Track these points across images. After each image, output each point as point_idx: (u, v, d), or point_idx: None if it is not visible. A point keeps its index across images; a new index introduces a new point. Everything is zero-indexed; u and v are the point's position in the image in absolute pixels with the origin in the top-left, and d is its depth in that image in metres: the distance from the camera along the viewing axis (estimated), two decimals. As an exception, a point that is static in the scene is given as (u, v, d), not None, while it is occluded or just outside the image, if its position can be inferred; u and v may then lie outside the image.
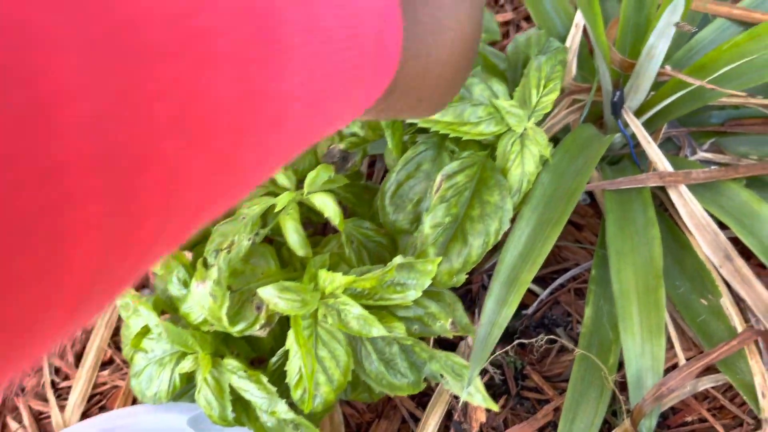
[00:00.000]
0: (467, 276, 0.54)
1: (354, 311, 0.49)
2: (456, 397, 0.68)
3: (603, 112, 0.76)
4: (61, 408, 0.74)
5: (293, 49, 0.20)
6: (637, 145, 0.74)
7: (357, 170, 0.62)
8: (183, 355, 0.58)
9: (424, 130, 0.60)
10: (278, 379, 0.55)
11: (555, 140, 0.79)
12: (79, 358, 0.78)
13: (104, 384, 0.75)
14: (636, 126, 0.70)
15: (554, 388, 0.69)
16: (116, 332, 0.79)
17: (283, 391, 0.54)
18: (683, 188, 0.69)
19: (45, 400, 0.77)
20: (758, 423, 0.62)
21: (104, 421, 0.62)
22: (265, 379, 0.53)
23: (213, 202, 0.19)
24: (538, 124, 0.56)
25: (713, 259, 0.67)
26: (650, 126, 0.75)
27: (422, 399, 0.70)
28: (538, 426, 0.67)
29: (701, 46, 0.76)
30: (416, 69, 0.30)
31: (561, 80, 0.53)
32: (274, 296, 0.50)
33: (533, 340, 0.71)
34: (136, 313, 0.61)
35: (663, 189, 0.72)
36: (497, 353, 0.70)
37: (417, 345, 0.53)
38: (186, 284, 0.58)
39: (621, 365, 0.68)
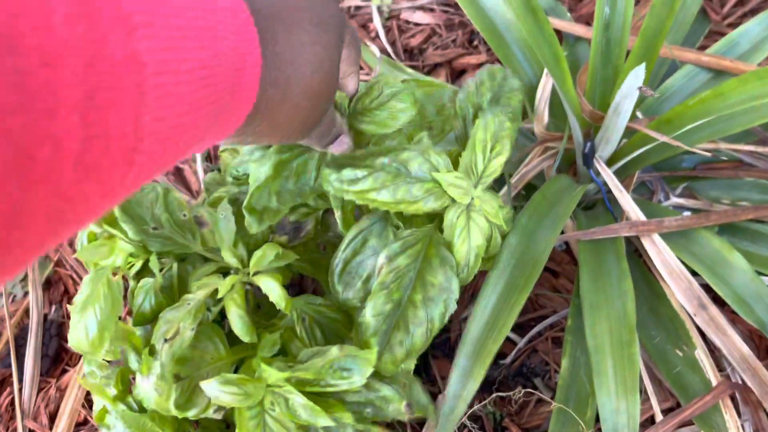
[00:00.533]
0: (447, 324, 0.53)
1: (298, 400, 0.48)
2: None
3: (576, 159, 0.76)
4: (35, 473, 0.73)
5: (147, 92, 0.22)
6: (610, 191, 0.75)
7: (311, 238, 0.61)
8: None
9: None
10: None
11: (530, 187, 0.79)
12: (52, 419, 0.77)
13: (78, 446, 0.74)
14: (608, 175, 0.70)
15: (533, 441, 0.69)
16: (89, 392, 0.78)
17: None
18: (656, 237, 0.69)
19: (18, 464, 0.75)
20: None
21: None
22: None
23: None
24: (498, 180, 0.55)
25: (688, 308, 0.67)
26: (623, 173, 0.75)
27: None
28: (518, 482, 0.66)
29: (671, 92, 0.77)
30: (276, 97, 0.34)
31: (511, 138, 0.51)
32: (217, 390, 0.49)
33: (510, 393, 0.71)
34: (98, 391, 0.60)
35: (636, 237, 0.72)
36: (476, 406, 0.70)
37: (371, 429, 0.52)
38: (144, 368, 0.57)
39: (598, 418, 0.68)
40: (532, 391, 0.69)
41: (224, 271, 0.56)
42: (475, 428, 0.69)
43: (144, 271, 0.56)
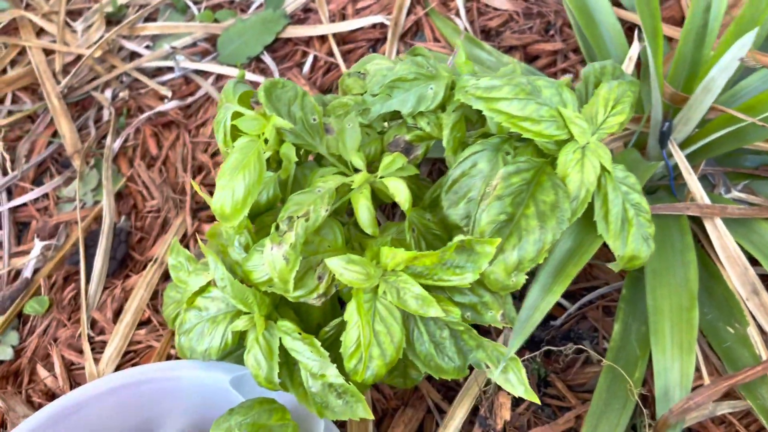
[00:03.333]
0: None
1: (414, 290, 0.52)
2: (484, 392, 0.70)
3: (647, 143, 0.79)
4: (96, 361, 0.76)
5: None
6: (676, 177, 0.78)
7: (417, 164, 0.66)
8: (237, 315, 0.60)
9: (487, 135, 0.63)
10: (328, 349, 0.57)
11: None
12: (117, 315, 0.80)
13: (139, 343, 0.77)
14: (680, 158, 0.73)
15: (577, 397, 0.71)
16: (154, 296, 0.82)
17: (332, 361, 0.56)
18: (719, 221, 0.73)
19: (79, 351, 0.78)
20: (772, 451, 0.65)
21: (145, 372, 0.64)
22: (318, 343, 0.56)
23: None
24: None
25: (741, 292, 0.70)
26: (690, 161, 0.78)
27: (448, 392, 0.73)
28: (560, 430, 0.69)
29: (745, 92, 0.80)
30: None
31: (632, 105, 0.57)
32: (340, 267, 0.52)
33: (561, 348, 0.74)
34: (196, 272, 0.63)
35: (697, 221, 0.75)
36: (524, 358, 0.73)
37: (467, 332, 0.56)
38: (247, 248, 0.60)
39: (645, 381, 0.70)
40: (583, 348, 0.72)
41: (342, 174, 0.59)
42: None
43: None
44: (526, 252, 0.54)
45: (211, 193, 0.92)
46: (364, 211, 0.55)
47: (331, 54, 1.05)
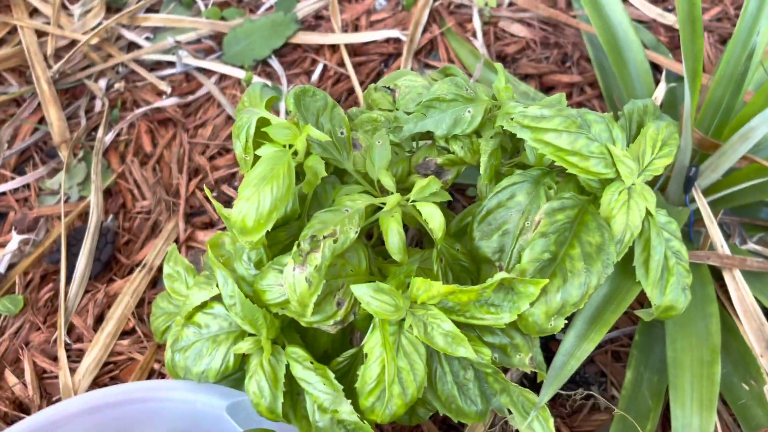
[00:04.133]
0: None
1: (444, 326, 0.48)
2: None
3: (667, 185, 0.78)
4: (72, 371, 0.70)
5: None
6: (694, 223, 0.76)
7: (446, 189, 0.62)
8: (242, 336, 0.55)
9: (523, 166, 0.60)
10: (339, 381, 0.53)
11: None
12: (98, 321, 0.74)
13: (121, 354, 0.72)
14: (703, 205, 0.71)
15: (583, 445, 0.68)
16: (140, 304, 0.76)
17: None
18: (737, 273, 0.71)
19: (53, 358, 0.72)
20: None
21: (130, 390, 0.59)
22: (332, 375, 0.51)
23: None
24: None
25: (755, 347, 0.68)
26: (710, 208, 0.77)
27: (450, 431, 0.69)
28: (565, 481, 0.65)
29: (770, 143, 0.79)
30: None
31: (676, 149, 0.54)
32: (367, 295, 0.48)
33: (569, 393, 0.71)
34: (198, 285, 0.58)
35: (713, 271, 0.74)
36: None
37: (494, 374, 0.52)
38: (258, 265, 0.56)
39: (656, 434, 0.68)
40: (594, 394, 0.69)
41: (368, 194, 0.55)
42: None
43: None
44: (570, 295, 0.50)
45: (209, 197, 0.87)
46: (395, 237, 0.52)
47: (341, 64, 1.01)
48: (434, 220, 0.51)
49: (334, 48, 1.03)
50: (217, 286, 0.56)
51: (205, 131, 0.95)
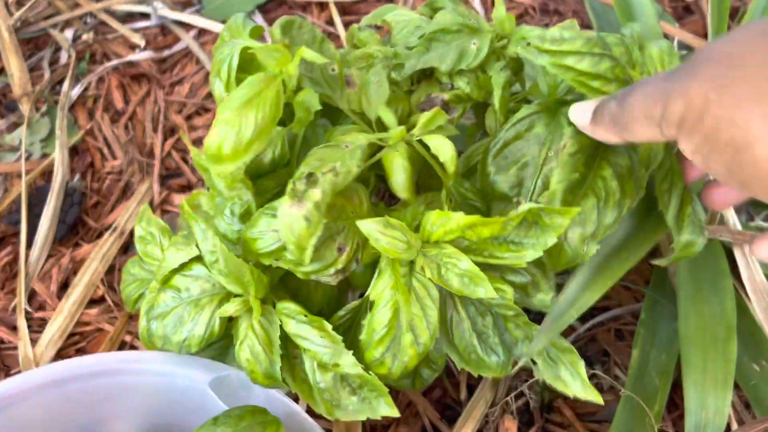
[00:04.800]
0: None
1: (462, 265, 0.43)
2: (486, 418, 0.63)
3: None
4: (33, 341, 0.63)
5: None
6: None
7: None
8: (227, 297, 0.49)
9: (527, 101, 0.56)
10: (340, 334, 0.48)
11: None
12: (62, 289, 0.68)
13: (88, 324, 0.65)
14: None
15: (585, 427, 0.65)
16: (110, 271, 0.69)
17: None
18: (747, 248, 0.68)
19: (12, 327, 0.65)
20: (790, 501, 0.60)
21: (102, 362, 0.52)
22: (329, 327, 0.46)
23: None
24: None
25: (765, 326, 0.66)
26: (719, 182, 0.74)
27: (446, 411, 0.65)
28: (568, 463, 0.62)
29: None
30: None
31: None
32: (376, 231, 0.42)
33: (574, 372, 0.67)
34: (175, 246, 0.52)
35: (724, 248, 0.71)
36: (530, 381, 0.66)
37: (516, 318, 0.47)
38: (243, 218, 0.50)
39: (663, 417, 0.65)
40: (598, 373, 0.65)
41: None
42: (529, 398, 0.65)
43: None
44: (605, 216, 0.47)
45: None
46: (401, 173, 0.46)
47: (330, 23, 0.95)
48: (445, 152, 0.46)
49: (322, 6, 0.97)
50: (197, 245, 0.50)
51: (182, 89, 0.88)
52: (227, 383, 0.51)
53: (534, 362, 0.48)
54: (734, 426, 0.61)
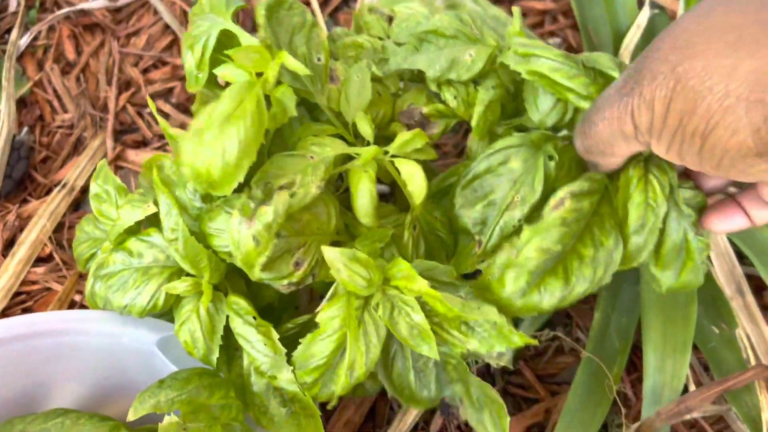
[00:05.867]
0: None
1: (415, 317, 0.41)
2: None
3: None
4: (-25, 300, 0.60)
5: None
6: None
7: (432, 144, 0.51)
8: (179, 273, 0.47)
9: (523, 129, 0.51)
10: (285, 347, 0.45)
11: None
12: (8, 246, 0.65)
13: (35, 283, 0.62)
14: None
15: (546, 389, 0.65)
16: (59, 228, 0.66)
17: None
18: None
19: (-47, 286, 0.62)
20: (740, 461, 0.61)
21: (43, 321, 0.50)
22: (275, 336, 0.44)
23: None
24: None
25: (726, 290, 0.66)
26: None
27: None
28: (527, 424, 0.62)
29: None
30: None
31: None
32: (340, 262, 0.40)
33: (536, 334, 0.66)
34: (131, 203, 0.49)
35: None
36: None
37: (458, 366, 0.46)
38: (205, 199, 0.47)
39: (622, 379, 0.65)
40: (560, 336, 0.65)
41: (343, 139, 0.47)
42: (480, 367, 0.64)
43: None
44: (564, 301, 0.44)
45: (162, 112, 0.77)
46: (365, 197, 0.43)
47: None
48: (414, 182, 0.43)
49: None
50: (156, 203, 0.47)
51: (138, 41, 0.84)
52: (176, 344, 0.49)
53: (461, 402, 0.47)
54: (692, 388, 0.61)
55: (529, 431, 0.62)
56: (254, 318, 0.44)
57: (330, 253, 0.40)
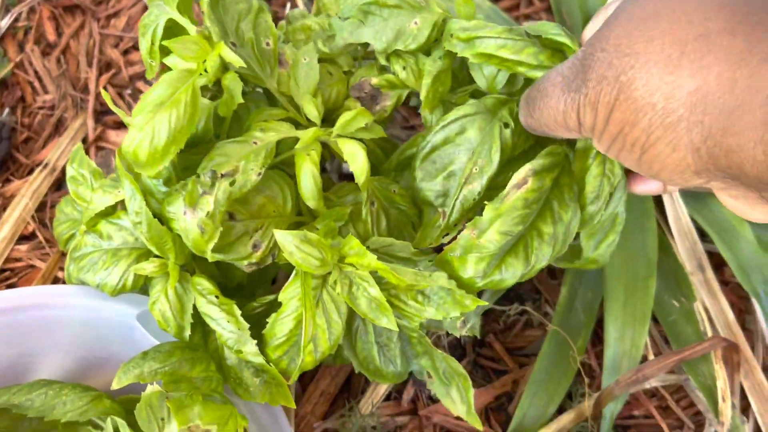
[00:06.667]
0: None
1: (371, 291, 0.43)
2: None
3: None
4: (-41, 276, 0.62)
5: None
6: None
7: (385, 117, 0.52)
8: (147, 255, 0.49)
9: (478, 95, 0.51)
10: (255, 325, 0.47)
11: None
12: (-9, 225, 0.66)
13: (18, 260, 0.64)
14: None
15: (514, 360, 0.67)
16: (41, 207, 0.68)
17: (254, 336, 0.47)
18: (676, 192, 0.70)
19: (-62, 262, 0.64)
20: (699, 428, 0.64)
21: (25, 295, 0.52)
22: (237, 312, 0.45)
23: None
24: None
25: (687, 266, 0.69)
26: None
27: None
28: (495, 394, 0.64)
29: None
30: None
31: None
32: (292, 245, 0.41)
33: (504, 308, 0.69)
34: (103, 188, 0.51)
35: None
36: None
37: (420, 338, 0.48)
38: (168, 183, 0.48)
39: (586, 351, 0.68)
40: (528, 310, 0.68)
41: (292, 122, 0.48)
42: (451, 340, 0.67)
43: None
44: (523, 277, 0.45)
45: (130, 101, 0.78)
46: (308, 180, 0.44)
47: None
48: (356, 161, 0.44)
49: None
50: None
51: (118, 22, 0.85)
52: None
53: (429, 375, 0.48)
54: (652, 358, 0.64)
55: (498, 400, 0.65)
56: (216, 297, 0.46)
57: (281, 236, 0.41)
